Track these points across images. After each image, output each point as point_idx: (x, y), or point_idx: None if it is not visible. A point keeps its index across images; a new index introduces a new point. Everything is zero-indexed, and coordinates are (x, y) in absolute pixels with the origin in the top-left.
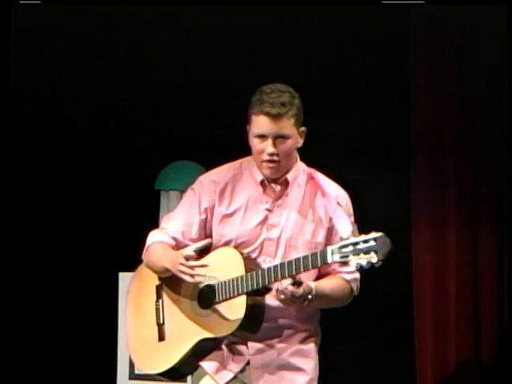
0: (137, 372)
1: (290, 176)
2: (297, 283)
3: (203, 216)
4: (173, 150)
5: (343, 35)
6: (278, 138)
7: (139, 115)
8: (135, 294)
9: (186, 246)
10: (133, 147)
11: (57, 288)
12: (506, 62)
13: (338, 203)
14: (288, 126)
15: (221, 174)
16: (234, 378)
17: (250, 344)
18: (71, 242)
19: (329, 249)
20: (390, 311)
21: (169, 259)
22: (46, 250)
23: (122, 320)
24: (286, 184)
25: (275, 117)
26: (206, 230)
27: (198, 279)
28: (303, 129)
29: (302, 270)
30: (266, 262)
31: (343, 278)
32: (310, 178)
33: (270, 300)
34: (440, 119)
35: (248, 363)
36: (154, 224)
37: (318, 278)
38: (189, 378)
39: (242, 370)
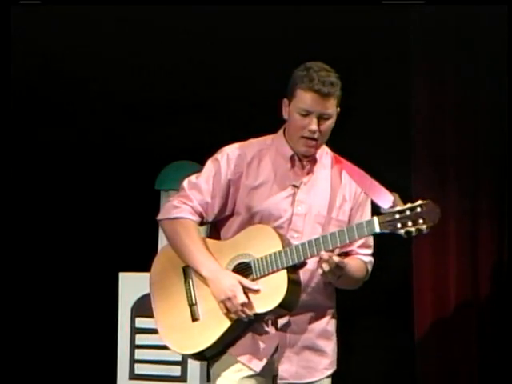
0: (137, 372)
1: (317, 154)
2: (344, 253)
3: (227, 188)
4: (173, 150)
5: (343, 35)
6: (322, 116)
7: (139, 115)
8: (160, 276)
9: (206, 220)
10: (133, 147)
11: (57, 288)
12: (506, 62)
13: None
14: (333, 105)
15: (247, 147)
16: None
17: (279, 321)
18: (71, 241)
19: (375, 219)
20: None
21: (215, 275)
22: (46, 250)
23: (122, 320)
24: (313, 162)
25: (324, 95)
26: (227, 203)
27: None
28: (338, 109)
29: (347, 241)
30: (293, 238)
31: (362, 260)
32: (336, 160)
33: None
34: (440, 118)
35: (277, 347)
36: (154, 224)
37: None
38: (189, 378)
39: (273, 353)
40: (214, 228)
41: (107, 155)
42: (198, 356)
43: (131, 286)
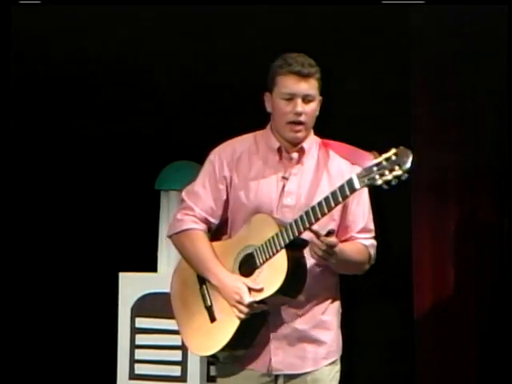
0: (137, 372)
1: (305, 145)
2: (332, 232)
3: (224, 188)
4: (173, 150)
5: (343, 35)
6: (306, 98)
7: (139, 115)
8: (180, 290)
9: (213, 223)
10: (133, 147)
11: (57, 288)
12: (506, 62)
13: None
14: (315, 87)
15: (236, 144)
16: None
17: (272, 313)
18: (71, 241)
19: (354, 175)
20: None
21: (222, 282)
22: (46, 250)
23: (122, 320)
24: (301, 152)
25: (305, 76)
26: (229, 201)
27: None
28: (320, 98)
29: (332, 204)
30: (282, 222)
31: (362, 243)
32: (323, 145)
33: None
34: (440, 117)
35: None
36: (154, 224)
37: None
38: (189, 378)
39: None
40: (219, 229)
41: (107, 155)
42: (222, 352)
43: (131, 286)
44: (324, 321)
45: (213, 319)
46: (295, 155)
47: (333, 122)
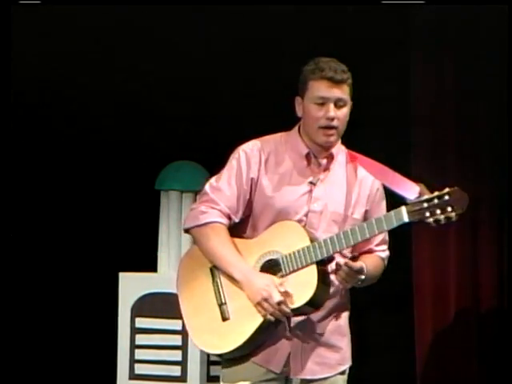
0: (137, 372)
1: (334, 152)
2: (356, 257)
3: (250, 187)
4: (173, 150)
5: (343, 35)
6: (338, 103)
7: (140, 115)
8: (187, 277)
9: (233, 221)
10: (133, 147)
11: (57, 288)
12: (506, 62)
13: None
14: (347, 92)
15: (263, 144)
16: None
17: (292, 320)
18: (71, 241)
19: (403, 208)
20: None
21: (247, 277)
22: (46, 250)
23: (122, 320)
24: (330, 159)
25: (338, 82)
26: (252, 202)
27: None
28: (351, 103)
29: (376, 232)
30: (313, 234)
31: (379, 257)
32: (351, 156)
33: None
34: (440, 117)
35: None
36: (154, 224)
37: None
38: (189, 378)
39: (289, 352)
40: (237, 227)
41: (107, 155)
42: (233, 353)
43: (131, 286)
44: (340, 326)
45: (225, 318)
46: (324, 161)
47: None
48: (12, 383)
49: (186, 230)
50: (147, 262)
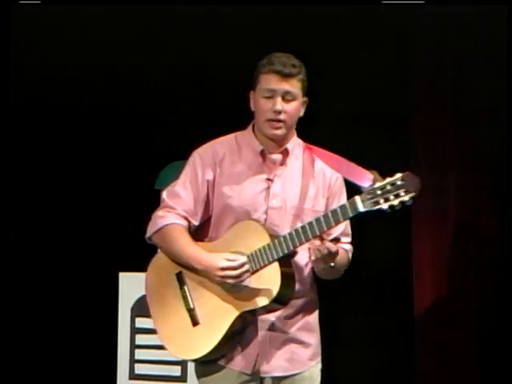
0: (137, 372)
1: (289, 146)
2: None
3: (206, 189)
4: (173, 150)
5: (343, 35)
6: (286, 96)
7: (139, 115)
8: (155, 286)
9: (192, 224)
10: (133, 147)
11: (57, 288)
12: (506, 62)
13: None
14: (297, 87)
15: (217, 145)
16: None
17: (259, 318)
18: (71, 241)
19: (357, 198)
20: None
21: (201, 263)
22: (46, 250)
23: (122, 320)
24: (285, 154)
25: (286, 75)
26: (209, 204)
27: (245, 277)
28: (305, 99)
29: (333, 224)
30: (273, 231)
31: (343, 249)
32: (307, 148)
33: None
34: (440, 118)
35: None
36: None
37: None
38: (189, 378)
39: (258, 351)
40: (200, 231)
41: (107, 155)
42: (206, 357)
43: (131, 286)
44: (309, 322)
45: (195, 323)
46: (279, 157)
47: (331, 122)
48: (12, 383)
49: (149, 239)
50: (147, 262)
